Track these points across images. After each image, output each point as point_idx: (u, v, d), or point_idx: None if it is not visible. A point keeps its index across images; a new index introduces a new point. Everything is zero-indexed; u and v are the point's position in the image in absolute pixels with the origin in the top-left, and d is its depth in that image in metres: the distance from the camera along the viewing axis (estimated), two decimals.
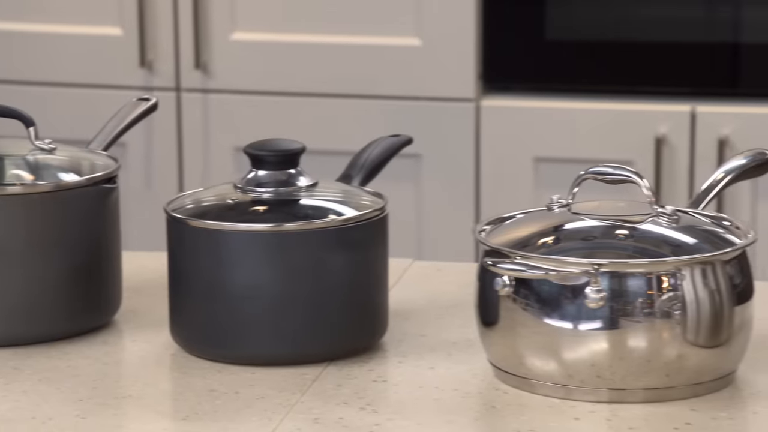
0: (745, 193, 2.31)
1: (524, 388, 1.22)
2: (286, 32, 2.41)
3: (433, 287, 1.44)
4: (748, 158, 1.36)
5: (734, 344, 1.22)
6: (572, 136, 2.37)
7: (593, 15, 2.35)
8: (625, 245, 1.23)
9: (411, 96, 2.41)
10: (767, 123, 2.30)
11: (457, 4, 2.37)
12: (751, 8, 2.29)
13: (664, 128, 2.34)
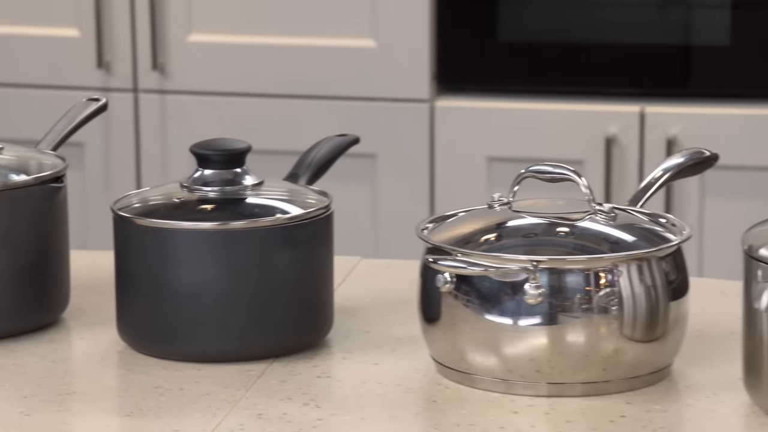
0: (693, 191, 2.33)
1: (465, 383, 1.23)
2: (243, 34, 2.41)
3: (380, 285, 1.44)
4: (686, 157, 1.37)
5: (670, 339, 1.23)
6: (525, 135, 2.37)
7: (545, 17, 2.36)
8: (564, 242, 1.24)
9: (366, 97, 2.41)
10: (714, 123, 2.32)
11: (411, 6, 2.37)
12: (701, 11, 2.31)
13: (614, 128, 2.35)
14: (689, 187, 2.32)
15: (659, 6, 2.32)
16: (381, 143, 2.41)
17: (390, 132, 2.41)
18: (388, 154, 2.42)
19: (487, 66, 2.39)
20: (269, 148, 2.32)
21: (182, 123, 2.43)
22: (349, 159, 2.46)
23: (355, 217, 2.43)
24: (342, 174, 2.55)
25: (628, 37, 2.34)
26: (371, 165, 2.43)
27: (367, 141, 2.52)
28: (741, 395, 1.17)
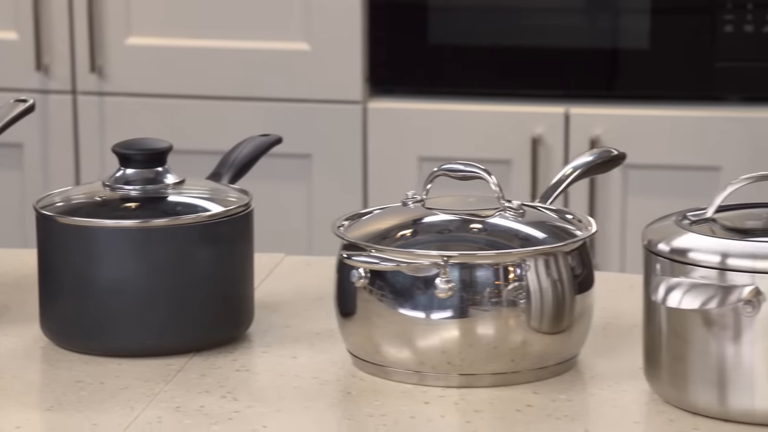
0: (616, 189, 2.34)
1: (380, 375, 1.24)
2: (180, 37, 2.41)
3: (302, 281, 1.45)
4: (594, 155, 1.39)
5: (576, 330, 1.25)
6: (454, 136, 2.39)
7: (474, 21, 2.37)
8: (474, 238, 1.25)
9: (301, 99, 2.41)
10: (635, 123, 2.34)
11: (343, 10, 2.38)
12: (624, 16, 2.33)
13: (539, 129, 2.37)
14: (613, 185, 2.34)
15: (587, 11, 2.34)
16: (315, 144, 2.42)
17: (324, 133, 2.41)
18: (323, 155, 2.42)
19: (418, 68, 2.40)
20: (206, 149, 2.32)
21: (120, 124, 2.43)
22: (284, 159, 2.50)
23: (290, 216, 2.44)
24: (278, 174, 2.57)
25: (555, 40, 2.35)
26: (306, 165, 2.43)
27: (301, 142, 2.55)
28: (642, 384, 1.19)
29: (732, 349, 1.13)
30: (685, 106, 2.32)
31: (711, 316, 1.13)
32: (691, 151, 2.31)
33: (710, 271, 1.13)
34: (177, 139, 2.48)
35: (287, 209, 2.43)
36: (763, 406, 1.13)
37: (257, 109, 2.42)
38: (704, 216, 1.19)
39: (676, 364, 1.15)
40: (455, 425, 1.15)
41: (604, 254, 2.35)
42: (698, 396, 1.14)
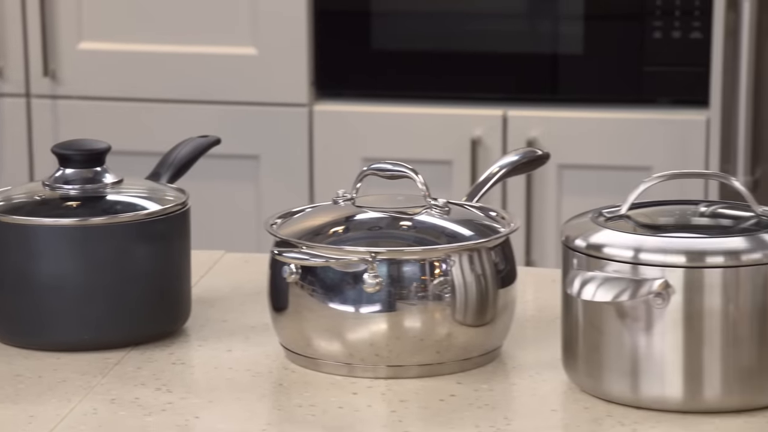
0: (552, 188, 2.36)
1: (311, 367, 1.24)
2: (131, 42, 2.40)
3: (240, 277, 1.45)
4: (519, 155, 1.40)
5: (499, 323, 1.26)
6: (397, 137, 2.39)
7: (417, 27, 2.38)
8: (401, 235, 1.25)
9: (249, 102, 2.42)
10: (570, 125, 2.36)
11: (290, 16, 2.38)
12: (563, 22, 2.34)
13: (479, 131, 2.38)
14: (548, 184, 2.36)
15: (525, 17, 2.35)
16: (263, 145, 2.42)
17: (271, 135, 2.42)
18: (270, 156, 2.43)
19: (362, 72, 2.41)
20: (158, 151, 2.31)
21: (73, 127, 2.42)
22: (233, 160, 2.50)
23: (239, 215, 2.44)
24: (227, 174, 2.57)
25: (494, 45, 2.37)
26: (254, 166, 2.43)
27: (250, 143, 2.55)
28: (560, 374, 1.20)
29: (644, 340, 1.14)
30: (617, 108, 2.34)
31: (624, 308, 1.15)
32: (622, 152, 2.33)
33: (623, 265, 1.14)
34: (129, 142, 2.50)
35: (236, 209, 2.43)
36: (672, 393, 1.14)
37: (207, 112, 2.42)
38: (618, 213, 1.20)
39: (592, 354, 1.17)
40: (381, 414, 1.15)
41: (541, 251, 2.37)
42: (612, 385, 1.16)
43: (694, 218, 1.20)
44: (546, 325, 1.32)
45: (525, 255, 2.36)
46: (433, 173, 2.38)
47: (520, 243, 2.36)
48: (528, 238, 2.36)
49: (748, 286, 1.13)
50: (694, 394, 1.13)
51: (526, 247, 2.36)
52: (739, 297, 1.13)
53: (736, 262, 1.13)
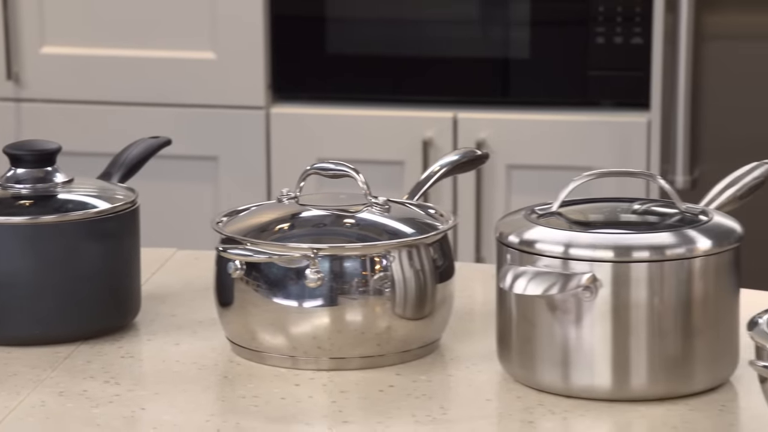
0: (500, 188, 2.37)
1: (255, 360, 1.25)
2: (94, 46, 2.40)
3: (190, 273, 1.45)
4: (460, 155, 1.40)
5: (437, 316, 1.26)
6: (351, 139, 2.40)
7: (371, 32, 2.38)
8: (343, 231, 1.26)
9: (208, 104, 2.42)
10: (518, 127, 2.37)
11: (247, 22, 2.38)
12: (511, 28, 2.35)
13: (430, 132, 2.39)
14: (498, 184, 2.37)
15: (474, 23, 2.36)
16: (222, 147, 2.42)
17: (230, 137, 2.42)
18: (229, 157, 2.43)
19: (318, 76, 2.41)
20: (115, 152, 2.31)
21: (37, 130, 2.41)
22: (192, 161, 2.50)
23: (198, 215, 2.43)
24: (186, 175, 2.57)
25: (445, 50, 2.38)
26: (213, 167, 2.43)
27: (208, 145, 2.55)
28: (495, 365, 1.21)
29: (574, 332, 1.15)
30: (563, 111, 2.35)
31: (555, 301, 1.15)
32: (568, 153, 2.34)
33: (554, 260, 1.15)
34: (91, 144, 2.49)
35: (195, 209, 2.43)
36: (601, 382, 1.15)
37: (167, 114, 2.42)
38: (550, 210, 1.21)
39: (525, 346, 1.17)
40: (321, 405, 1.16)
41: (490, 248, 2.38)
42: (544, 375, 1.17)
43: (622, 215, 1.21)
44: (483, 318, 1.32)
45: (475, 252, 2.37)
46: (385, 173, 2.38)
47: (470, 240, 2.37)
48: (478, 235, 2.37)
49: (673, 280, 1.14)
50: (621, 383, 1.14)
51: (476, 244, 2.37)
52: (664, 290, 1.14)
53: (661, 256, 1.14)
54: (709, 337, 1.15)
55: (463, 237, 2.38)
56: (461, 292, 1.35)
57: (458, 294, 1.33)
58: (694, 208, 1.21)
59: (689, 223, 1.18)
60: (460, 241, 2.39)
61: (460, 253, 2.38)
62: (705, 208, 1.21)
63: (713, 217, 1.19)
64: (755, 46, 2.18)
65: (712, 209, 1.22)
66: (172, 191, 2.43)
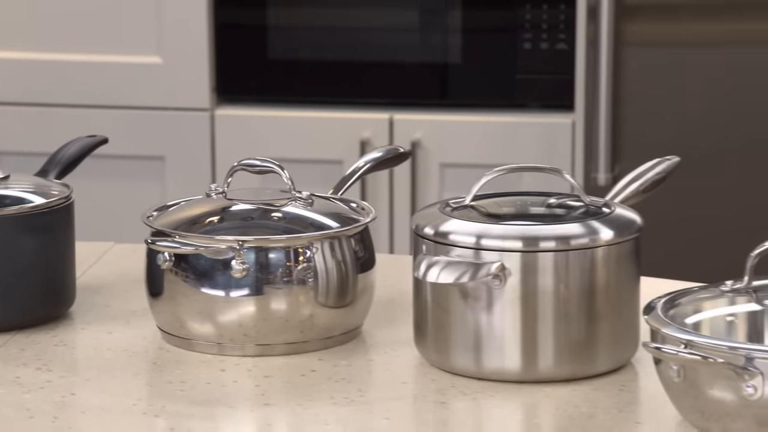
0: (434, 186, 2.38)
1: (184, 347, 1.24)
2: (45, 51, 2.39)
3: (126, 265, 1.44)
4: (383, 152, 1.40)
5: (358, 305, 1.26)
6: (292, 139, 2.40)
7: (312, 38, 2.38)
8: (269, 224, 1.26)
9: (155, 106, 2.41)
10: (451, 128, 2.38)
11: (192, 28, 2.38)
12: (444, 35, 2.36)
13: (367, 133, 2.39)
14: (431, 182, 2.37)
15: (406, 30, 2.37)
16: (168, 147, 2.41)
17: (176, 137, 2.41)
18: (175, 157, 2.42)
19: (260, 80, 2.41)
20: None
21: None
22: (140, 161, 2.49)
23: None
24: (134, 174, 2.56)
25: (383, 55, 2.38)
26: (160, 166, 2.42)
27: (155, 145, 2.54)
28: (413, 351, 1.21)
29: (485, 318, 1.16)
30: (493, 113, 2.36)
31: (467, 289, 1.16)
32: (498, 152, 2.35)
33: (466, 250, 1.16)
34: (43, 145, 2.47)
35: (143, 206, 2.41)
36: (511, 365, 1.16)
37: (116, 116, 2.41)
38: (463, 203, 1.22)
39: (439, 332, 1.18)
40: (245, 389, 1.16)
41: None
42: (457, 359, 1.17)
43: (532, 208, 1.22)
44: (404, 306, 1.32)
45: (410, 246, 2.37)
46: (324, 172, 2.38)
47: (405, 235, 2.38)
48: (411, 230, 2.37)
49: (577, 268, 1.15)
50: (529, 366, 1.15)
51: (411, 238, 2.37)
52: (569, 278, 1.15)
53: (566, 246, 1.15)
54: (611, 322, 1.16)
55: (399, 232, 2.39)
56: (384, 282, 1.36)
57: (382, 283, 1.34)
58: (597, 201, 1.22)
59: (593, 215, 1.19)
60: (396, 236, 2.39)
61: (396, 246, 2.38)
62: (608, 201, 1.22)
63: (615, 209, 1.20)
64: (671, 52, 2.20)
65: (615, 202, 1.23)
66: (121, 190, 2.42)
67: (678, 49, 2.20)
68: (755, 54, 2.17)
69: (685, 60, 2.19)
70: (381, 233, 2.39)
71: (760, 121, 2.19)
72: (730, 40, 2.14)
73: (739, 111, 2.19)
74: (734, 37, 2.15)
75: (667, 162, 1.29)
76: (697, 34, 2.17)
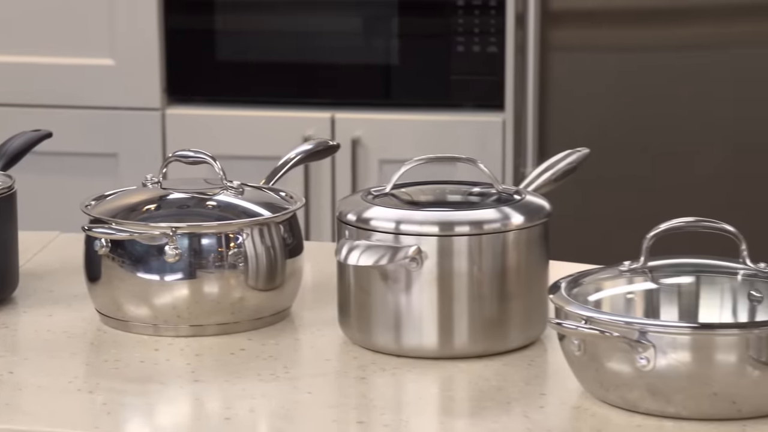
0: (374, 181, 2.38)
1: (121, 329, 1.24)
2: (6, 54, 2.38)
3: (71, 253, 1.43)
4: (313, 144, 1.41)
5: (287, 288, 1.26)
6: (239, 137, 2.40)
7: (258, 42, 2.38)
8: (202, 212, 1.25)
9: (109, 106, 2.40)
10: (390, 126, 2.38)
11: (143, 31, 2.37)
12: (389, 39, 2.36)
13: (310, 130, 2.39)
14: (371, 177, 2.38)
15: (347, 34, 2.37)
16: (121, 145, 2.40)
17: (129, 135, 2.40)
18: (128, 154, 2.41)
19: (208, 81, 2.40)
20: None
21: None
22: (94, 158, 2.48)
23: None
24: (89, 170, 2.54)
25: (325, 57, 2.38)
26: (113, 163, 2.41)
27: (109, 143, 2.53)
28: (338, 330, 1.21)
29: (404, 299, 1.16)
30: (429, 112, 2.37)
31: (387, 272, 1.16)
32: (433, 149, 2.35)
33: (386, 235, 1.16)
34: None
35: None
36: (428, 342, 1.16)
37: (73, 116, 2.40)
38: (384, 192, 1.22)
39: (362, 312, 1.18)
40: (177, 367, 1.16)
41: None
42: (378, 337, 1.17)
43: (449, 196, 1.23)
44: (331, 289, 1.32)
45: None
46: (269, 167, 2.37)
47: None
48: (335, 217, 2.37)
49: (489, 251, 1.16)
50: (445, 343, 1.16)
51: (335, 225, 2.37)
52: (482, 260, 1.16)
53: (479, 230, 1.16)
54: (521, 302, 1.17)
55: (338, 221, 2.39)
56: (315, 267, 1.36)
57: (312, 268, 1.34)
58: (509, 189, 1.22)
59: (505, 201, 1.20)
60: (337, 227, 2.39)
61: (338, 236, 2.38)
62: (519, 188, 1.23)
63: (526, 196, 1.21)
64: (592, 56, 2.22)
65: (526, 189, 1.24)
66: (76, 185, 2.41)
67: (597, 54, 2.22)
68: (667, 58, 2.20)
69: (605, 63, 2.21)
70: (324, 225, 2.39)
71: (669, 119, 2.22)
72: (644, 45, 2.18)
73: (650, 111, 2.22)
74: (648, 43, 2.18)
75: (578, 153, 1.30)
76: (616, 40, 2.20)
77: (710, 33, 2.16)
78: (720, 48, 2.15)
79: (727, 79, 2.16)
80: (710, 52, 2.15)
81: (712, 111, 2.18)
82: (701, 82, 2.17)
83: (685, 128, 2.20)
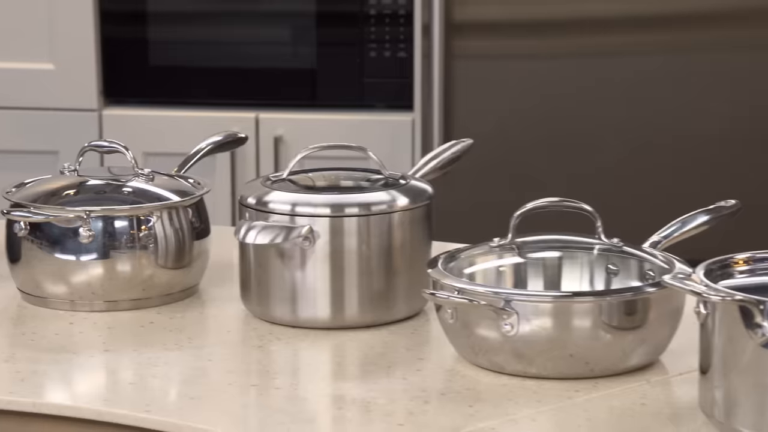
0: None
1: (41, 305, 1.23)
2: None
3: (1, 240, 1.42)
4: (222, 136, 1.41)
5: (195, 267, 1.26)
6: (171, 135, 2.39)
7: (189, 49, 2.38)
8: (115, 197, 1.25)
9: (49, 107, 2.38)
10: (309, 125, 2.38)
11: (81, 37, 2.35)
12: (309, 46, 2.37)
13: (236, 129, 2.37)
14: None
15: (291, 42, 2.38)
16: (61, 143, 2.38)
17: (68, 134, 2.39)
18: (68, 152, 2.39)
19: (142, 84, 2.39)
20: None
21: None
22: (36, 155, 2.45)
23: None
24: (31, 167, 2.51)
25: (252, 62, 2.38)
26: (54, 160, 2.39)
27: (50, 142, 2.51)
28: (240, 305, 1.21)
29: (299, 275, 1.17)
30: (344, 111, 2.38)
31: (283, 250, 1.17)
32: None
33: (282, 216, 1.17)
34: None
35: None
36: (321, 314, 1.17)
37: (15, 116, 2.38)
38: (281, 177, 1.22)
39: (261, 287, 1.18)
40: (89, 338, 1.15)
41: None
42: (276, 310, 1.18)
43: (342, 181, 1.23)
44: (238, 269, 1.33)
45: None
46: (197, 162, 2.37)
47: None
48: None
49: (376, 230, 1.17)
50: (336, 314, 1.16)
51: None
52: (370, 239, 1.16)
53: (367, 212, 1.17)
54: (406, 276, 1.18)
55: None
56: (223, 248, 1.35)
57: (221, 250, 1.34)
58: (396, 174, 1.23)
59: (391, 185, 1.21)
60: None
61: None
62: (405, 174, 1.24)
63: (410, 181, 1.22)
64: (492, 62, 2.25)
65: (411, 175, 1.25)
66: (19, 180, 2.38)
67: (497, 60, 2.26)
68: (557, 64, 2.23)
69: (503, 68, 2.25)
70: None
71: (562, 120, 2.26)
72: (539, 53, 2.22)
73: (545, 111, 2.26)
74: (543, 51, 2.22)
75: (461, 144, 1.31)
76: (513, 49, 2.24)
77: (600, 42, 2.20)
78: (610, 56, 2.19)
79: (618, 83, 2.21)
80: (602, 60, 2.19)
81: (606, 111, 2.22)
82: (594, 85, 2.21)
83: (579, 126, 2.24)
